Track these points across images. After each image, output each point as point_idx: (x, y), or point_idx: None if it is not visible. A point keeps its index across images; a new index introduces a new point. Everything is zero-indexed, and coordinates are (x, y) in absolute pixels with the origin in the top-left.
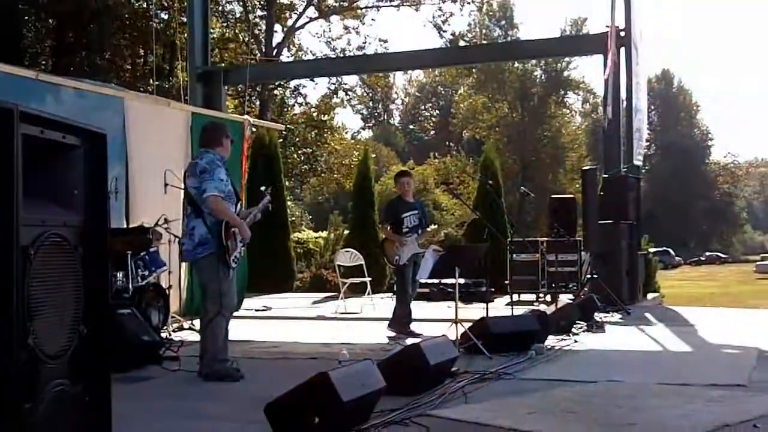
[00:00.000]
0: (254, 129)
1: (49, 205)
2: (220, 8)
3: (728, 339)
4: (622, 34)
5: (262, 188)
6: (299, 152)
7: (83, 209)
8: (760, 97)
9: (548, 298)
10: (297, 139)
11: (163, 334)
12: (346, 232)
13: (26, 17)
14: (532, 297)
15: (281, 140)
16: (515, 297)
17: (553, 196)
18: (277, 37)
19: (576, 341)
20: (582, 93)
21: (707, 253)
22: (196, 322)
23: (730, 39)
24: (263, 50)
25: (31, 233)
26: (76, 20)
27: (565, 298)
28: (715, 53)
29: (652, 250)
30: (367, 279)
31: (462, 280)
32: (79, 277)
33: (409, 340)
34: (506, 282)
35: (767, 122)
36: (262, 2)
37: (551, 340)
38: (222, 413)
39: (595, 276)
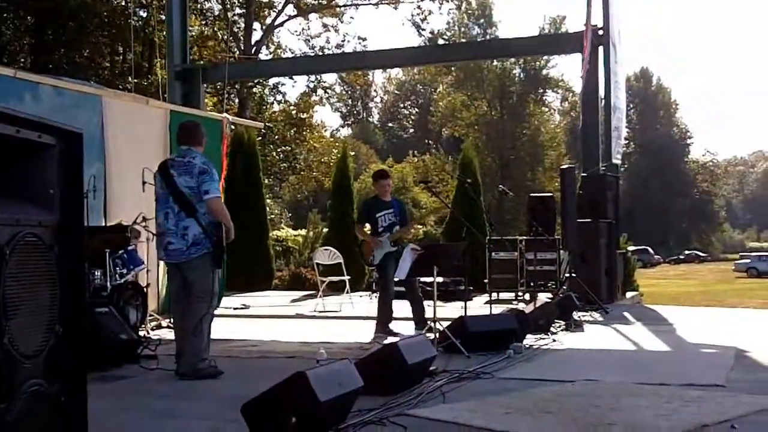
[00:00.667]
0: (233, 127)
1: (24, 204)
2: (199, 6)
3: (706, 338)
4: (600, 32)
5: None
6: (278, 150)
7: (59, 208)
8: (747, 95)
9: (527, 296)
10: (276, 137)
11: (141, 333)
12: (325, 230)
13: (4, 15)
14: (510, 296)
15: (260, 138)
16: (494, 296)
17: (531, 194)
18: (256, 35)
19: (554, 340)
20: (561, 91)
21: (686, 252)
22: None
23: (716, 37)
24: (242, 48)
25: (6, 233)
26: (54, 18)
27: (543, 297)
28: (701, 51)
29: (631, 248)
30: (346, 277)
31: (440, 279)
32: (55, 276)
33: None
34: (485, 281)
35: (753, 120)
36: (240, 0)
37: (530, 339)
38: (199, 412)
39: (573, 275)
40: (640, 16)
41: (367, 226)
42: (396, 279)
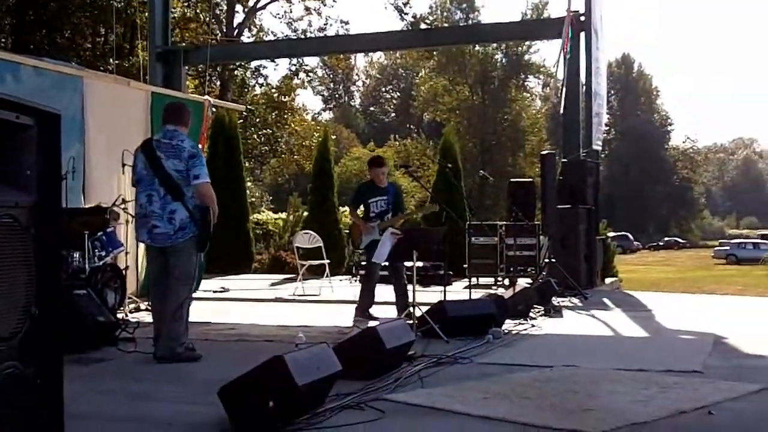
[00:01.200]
0: (214, 109)
1: (0, 185)
2: None
3: (685, 325)
4: (582, 18)
5: None
6: (259, 133)
7: (36, 190)
8: (733, 100)
9: (506, 282)
10: (257, 120)
11: (120, 315)
12: (306, 213)
13: None
14: (490, 281)
15: (241, 121)
16: (473, 280)
17: (512, 179)
18: (238, 18)
19: (533, 326)
20: (542, 77)
21: (666, 238)
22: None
23: (703, 41)
24: (224, 30)
25: None
26: None
27: (523, 282)
28: (688, 56)
29: (610, 234)
30: (326, 261)
31: (420, 264)
32: (31, 258)
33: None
34: (464, 265)
35: (740, 120)
36: None
37: (508, 325)
38: (176, 395)
39: (553, 260)
40: (629, 22)
41: (361, 208)
42: (376, 262)
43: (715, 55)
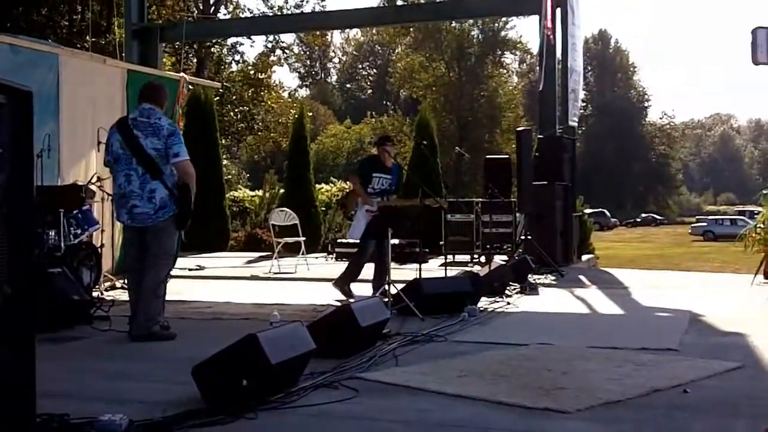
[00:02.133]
0: (190, 87)
1: None
2: None
3: (661, 302)
4: None
5: None
6: (236, 110)
7: (8, 168)
8: (725, 91)
9: (482, 259)
10: (234, 97)
11: (95, 294)
12: (282, 191)
13: None
14: (466, 258)
15: (218, 98)
16: (449, 258)
17: (488, 156)
18: None
19: (509, 303)
20: (519, 53)
21: (643, 215)
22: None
23: (696, 32)
24: (200, 7)
25: None
26: None
27: (499, 260)
28: (680, 47)
29: (587, 211)
30: (302, 239)
31: (395, 241)
32: (3, 236)
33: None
34: (440, 243)
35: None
36: None
37: (484, 302)
38: (149, 374)
39: (529, 237)
40: (623, 14)
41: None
42: (370, 239)
43: (707, 46)
